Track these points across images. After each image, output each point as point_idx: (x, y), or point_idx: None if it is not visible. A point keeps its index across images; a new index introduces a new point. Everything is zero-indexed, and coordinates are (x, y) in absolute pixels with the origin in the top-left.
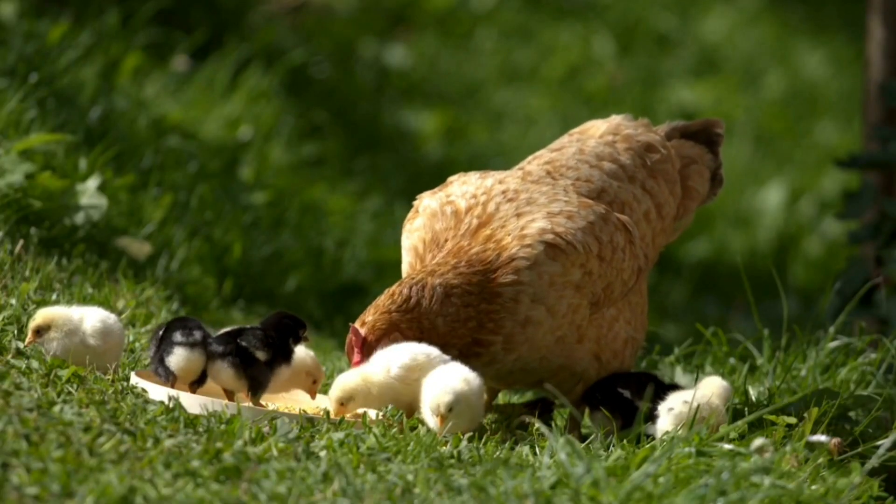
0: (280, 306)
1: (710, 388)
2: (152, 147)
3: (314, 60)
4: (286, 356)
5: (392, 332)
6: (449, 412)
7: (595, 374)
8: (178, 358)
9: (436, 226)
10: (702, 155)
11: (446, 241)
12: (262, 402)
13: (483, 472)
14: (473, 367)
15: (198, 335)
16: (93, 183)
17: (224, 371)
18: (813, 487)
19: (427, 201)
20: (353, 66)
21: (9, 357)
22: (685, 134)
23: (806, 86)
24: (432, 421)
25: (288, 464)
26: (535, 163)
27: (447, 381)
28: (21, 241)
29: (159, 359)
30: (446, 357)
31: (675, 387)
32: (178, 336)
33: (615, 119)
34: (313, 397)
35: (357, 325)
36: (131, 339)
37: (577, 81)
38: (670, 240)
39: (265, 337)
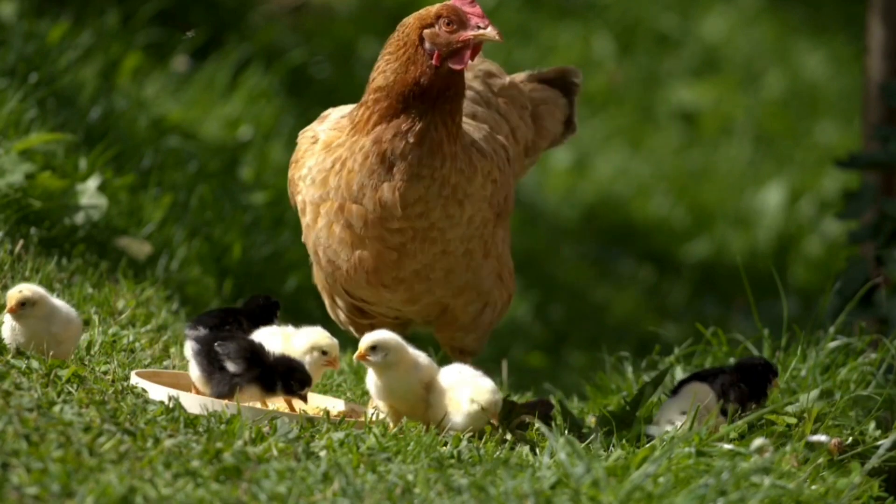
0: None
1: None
2: (152, 147)
3: (314, 60)
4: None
5: None
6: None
7: (499, 296)
8: None
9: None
10: (555, 98)
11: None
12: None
13: (483, 472)
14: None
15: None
16: (93, 183)
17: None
18: (813, 487)
19: (320, 127)
20: (353, 66)
21: (9, 357)
22: (541, 80)
23: (806, 86)
24: (464, 418)
25: (288, 464)
26: None
27: (482, 381)
28: (21, 241)
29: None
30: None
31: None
32: None
33: None
34: (335, 367)
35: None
36: (131, 338)
37: None
38: (520, 176)
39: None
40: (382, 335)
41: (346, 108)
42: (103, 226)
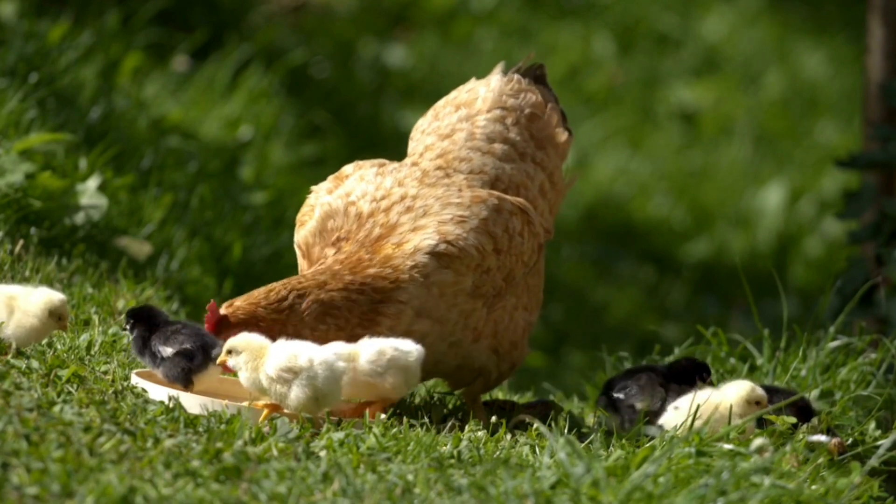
0: None
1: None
2: (152, 147)
3: (314, 60)
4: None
5: (251, 324)
6: None
7: (494, 368)
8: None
9: (329, 223)
10: (549, 97)
11: (345, 239)
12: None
13: (483, 472)
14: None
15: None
16: (93, 183)
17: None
18: (813, 487)
19: (326, 198)
20: (353, 66)
21: (9, 357)
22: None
23: (806, 86)
24: None
25: (288, 464)
26: (427, 156)
27: None
28: (21, 241)
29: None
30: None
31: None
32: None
33: (495, 82)
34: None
35: (225, 305)
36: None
37: (577, 81)
38: (561, 199)
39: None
40: (237, 338)
41: (368, 174)
42: (103, 226)
